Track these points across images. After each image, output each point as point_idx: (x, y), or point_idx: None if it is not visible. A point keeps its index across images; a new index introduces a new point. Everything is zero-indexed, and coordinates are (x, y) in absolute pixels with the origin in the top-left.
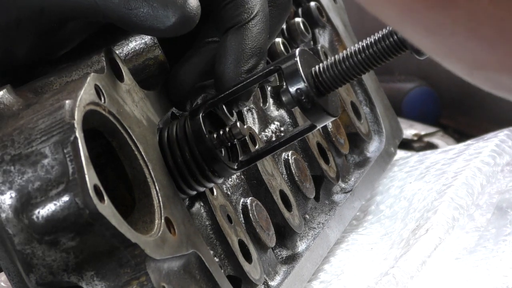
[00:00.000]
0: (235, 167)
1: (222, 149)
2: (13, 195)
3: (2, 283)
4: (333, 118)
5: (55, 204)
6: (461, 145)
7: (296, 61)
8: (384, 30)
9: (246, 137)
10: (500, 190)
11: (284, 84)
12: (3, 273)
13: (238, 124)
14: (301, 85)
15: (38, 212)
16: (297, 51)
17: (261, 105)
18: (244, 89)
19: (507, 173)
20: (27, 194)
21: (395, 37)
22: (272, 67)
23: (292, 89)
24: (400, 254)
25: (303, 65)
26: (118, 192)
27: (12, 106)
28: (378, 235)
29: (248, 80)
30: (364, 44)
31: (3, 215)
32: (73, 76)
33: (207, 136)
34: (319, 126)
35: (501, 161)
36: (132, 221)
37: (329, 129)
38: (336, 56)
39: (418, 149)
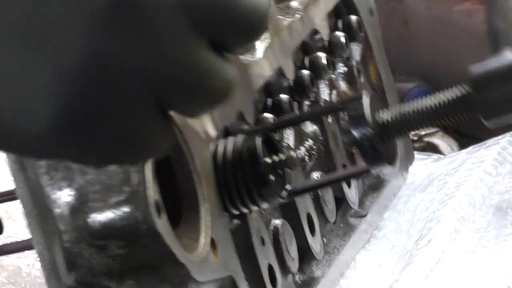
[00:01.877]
0: (284, 195)
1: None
2: (72, 193)
3: (4, 279)
4: (390, 167)
5: (113, 213)
6: (464, 153)
7: (364, 105)
8: (458, 89)
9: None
10: (500, 191)
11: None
12: (3, 269)
13: (294, 155)
14: (367, 130)
15: (95, 217)
16: (364, 93)
17: None
18: (306, 119)
19: (507, 174)
20: (85, 195)
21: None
22: (337, 106)
23: (357, 133)
24: (403, 266)
25: (370, 109)
26: (165, 201)
27: None
28: (385, 250)
29: (312, 113)
30: (440, 101)
31: (58, 210)
32: None
33: (262, 160)
34: (374, 172)
35: (503, 170)
36: (178, 235)
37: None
38: (405, 106)
39: (418, 149)
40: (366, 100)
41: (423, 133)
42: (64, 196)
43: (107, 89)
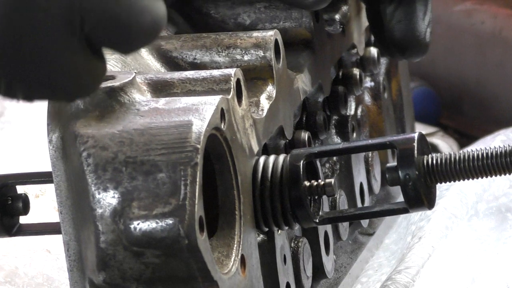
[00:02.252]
0: (317, 220)
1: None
2: (116, 195)
3: (1, 279)
4: (428, 210)
5: (157, 223)
6: None
7: (414, 146)
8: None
9: None
10: (497, 196)
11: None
12: (0, 269)
13: (333, 182)
14: (413, 172)
15: (138, 224)
16: (416, 136)
17: (323, 135)
18: (354, 152)
19: None
20: (130, 200)
21: None
22: (386, 142)
23: (402, 173)
24: (396, 265)
25: (418, 152)
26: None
27: (135, 101)
28: (385, 257)
29: (360, 145)
30: (487, 153)
31: (99, 210)
32: (197, 87)
33: (302, 184)
34: (412, 212)
35: None
36: (211, 248)
37: (369, 162)
38: (454, 153)
39: None
40: (417, 142)
41: (423, 133)
42: (108, 198)
43: (31, 22)
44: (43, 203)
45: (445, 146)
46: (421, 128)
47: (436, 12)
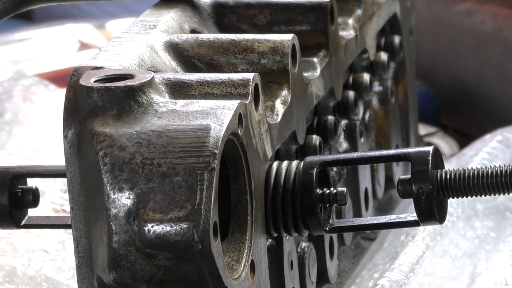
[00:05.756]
0: (327, 229)
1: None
2: (132, 196)
3: (0, 279)
4: (439, 224)
5: (171, 226)
6: (454, 158)
7: (429, 160)
8: None
9: None
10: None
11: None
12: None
13: (345, 191)
14: (426, 186)
15: (152, 227)
16: (431, 149)
17: (333, 140)
18: (366, 162)
19: None
20: (145, 202)
21: None
22: (401, 154)
23: (415, 186)
24: (389, 264)
25: (433, 166)
26: None
27: (153, 102)
28: (379, 257)
29: (375, 156)
30: (502, 170)
31: (114, 210)
32: (215, 90)
33: (315, 192)
34: (423, 226)
35: None
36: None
37: (374, 167)
38: (468, 169)
39: None
40: (432, 156)
41: (423, 133)
42: (123, 198)
43: None
44: (42, 205)
45: (445, 146)
46: (421, 128)
47: (436, 12)
